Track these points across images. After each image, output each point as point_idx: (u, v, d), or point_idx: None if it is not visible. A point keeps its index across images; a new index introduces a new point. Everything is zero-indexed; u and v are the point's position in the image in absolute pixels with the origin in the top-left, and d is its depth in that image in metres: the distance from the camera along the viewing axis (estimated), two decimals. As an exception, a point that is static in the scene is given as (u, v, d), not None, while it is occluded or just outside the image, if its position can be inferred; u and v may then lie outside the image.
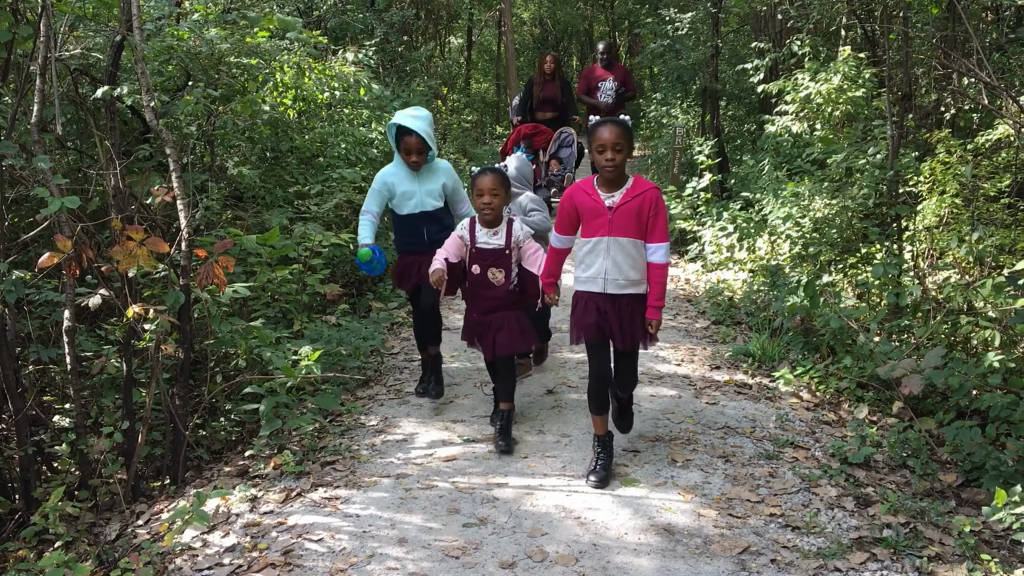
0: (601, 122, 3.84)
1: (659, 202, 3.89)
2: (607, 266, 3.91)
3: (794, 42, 9.79)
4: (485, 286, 4.44)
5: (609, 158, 3.78)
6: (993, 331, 4.92)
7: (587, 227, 3.94)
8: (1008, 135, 6.93)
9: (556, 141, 10.26)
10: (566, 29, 30.61)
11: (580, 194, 3.95)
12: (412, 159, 4.68)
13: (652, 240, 3.89)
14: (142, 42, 4.47)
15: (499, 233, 4.39)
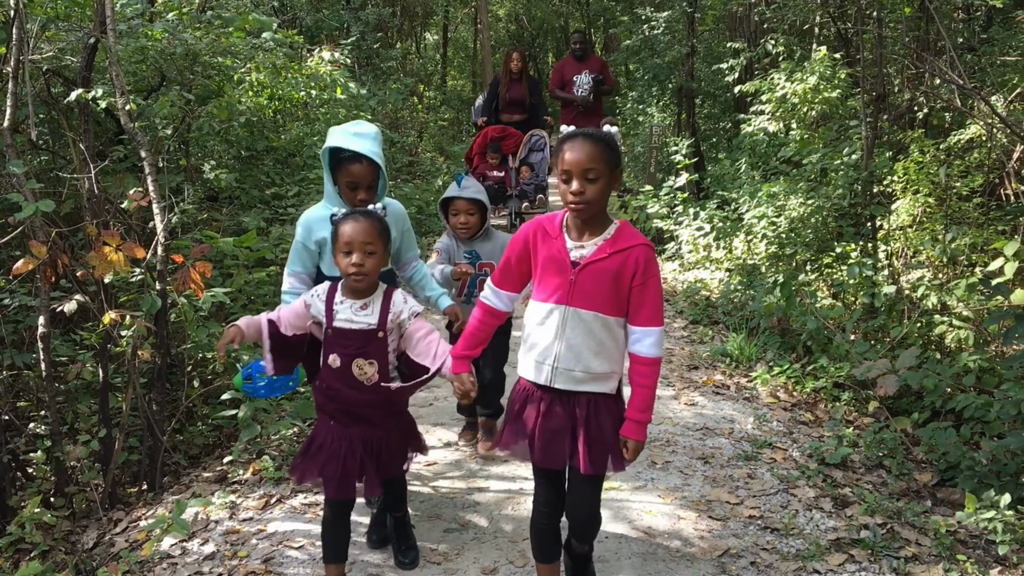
0: (570, 136, 2.61)
1: (651, 265, 2.62)
2: (559, 349, 2.68)
3: (768, 41, 9.85)
4: (348, 384, 2.95)
5: (576, 191, 2.54)
6: (967, 331, 4.98)
7: (541, 284, 2.73)
8: (980, 135, 7.02)
9: (526, 145, 9.50)
10: (542, 26, 30.64)
11: (538, 232, 2.74)
12: (359, 197, 3.22)
13: (638, 321, 2.65)
14: (116, 44, 4.42)
15: (370, 307, 2.94)
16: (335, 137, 3.30)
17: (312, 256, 3.41)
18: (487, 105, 9.88)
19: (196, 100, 6.18)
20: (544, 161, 9.51)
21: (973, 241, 6.15)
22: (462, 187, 3.83)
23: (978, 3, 8.38)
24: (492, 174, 9.36)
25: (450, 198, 3.97)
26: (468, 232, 3.95)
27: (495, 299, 2.88)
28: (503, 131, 9.41)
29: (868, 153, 6.63)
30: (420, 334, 2.98)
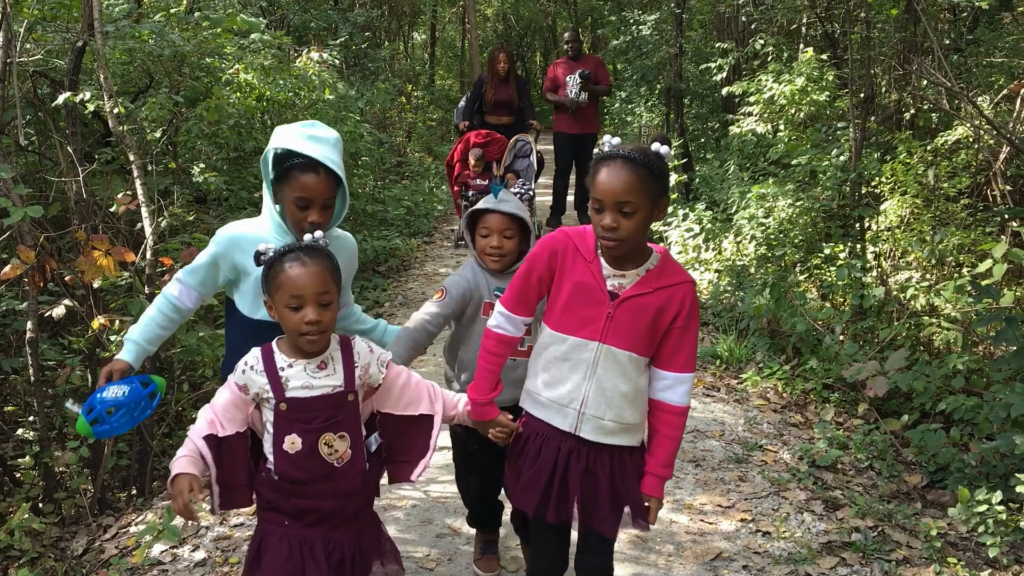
0: (607, 157, 2.22)
1: (695, 306, 2.37)
2: (587, 392, 2.37)
3: (757, 41, 9.88)
4: (313, 471, 2.30)
5: (607, 225, 2.20)
6: (955, 332, 5.01)
7: (568, 313, 2.37)
8: (967, 136, 7.06)
9: (511, 151, 8.86)
10: (529, 25, 30.62)
11: (567, 250, 2.38)
12: (310, 218, 2.55)
13: (673, 366, 2.37)
14: (104, 46, 4.40)
15: (330, 364, 2.31)
16: (284, 137, 2.59)
17: (216, 280, 2.68)
18: (469, 107, 9.39)
19: (185, 102, 6.15)
20: (531, 168, 8.88)
21: (961, 242, 6.19)
22: (499, 200, 2.97)
23: (964, 4, 8.42)
24: (475, 183, 8.79)
25: (481, 211, 2.96)
26: (502, 262, 2.92)
27: (509, 325, 2.47)
28: (487, 136, 8.78)
29: (856, 155, 6.66)
30: (401, 382, 2.44)
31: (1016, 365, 3.88)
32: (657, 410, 2.42)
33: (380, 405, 2.46)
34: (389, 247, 8.82)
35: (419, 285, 8.08)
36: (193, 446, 2.26)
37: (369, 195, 10.03)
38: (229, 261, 2.63)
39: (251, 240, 2.55)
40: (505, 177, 8.69)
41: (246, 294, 2.67)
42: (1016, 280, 6.03)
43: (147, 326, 2.67)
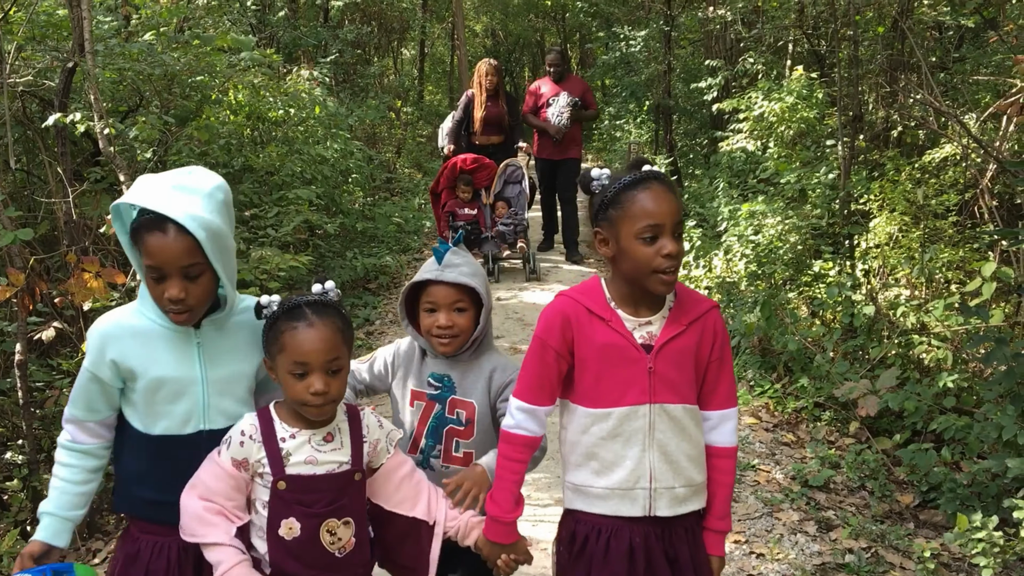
0: (642, 180, 1.99)
1: (725, 334, 2.16)
2: (652, 463, 2.05)
3: (747, 60, 9.94)
4: (312, 562, 2.01)
5: (672, 252, 1.96)
6: (946, 351, 5.03)
7: (602, 383, 2.06)
8: (954, 154, 7.12)
9: (501, 177, 8.35)
10: (518, 40, 30.75)
11: (579, 315, 2.07)
12: (168, 293, 1.97)
13: (714, 403, 2.13)
14: (94, 67, 4.39)
15: (337, 437, 2.05)
16: (141, 188, 1.99)
17: (109, 394, 2.09)
18: (458, 128, 8.67)
19: (175, 121, 6.14)
20: (523, 195, 8.39)
21: (949, 259, 6.22)
22: (444, 264, 2.32)
23: (950, 22, 8.51)
24: (463, 212, 8.27)
25: (423, 283, 2.34)
26: (454, 343, 2.33)
27: (531, 423, 2.10)
28: (475, 161, 8.17)
29: (845, 173, 6.70)
30: (402, 472, 2.13)
31: (1006, 385, 3.89)
32: (710, 456, 2.14)
33: (371, 492, 2.14)
34: (379, 264, 8.80)
35: (409, 303, 8.07)
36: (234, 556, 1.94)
37: (359, 212, 10.02)
38: (108, 365, 2.04)
39: (129, 330, 2.06)
40: (495, 205, 8.37)
41: (137, 404, 2.08)
42: (1004, 297, 6.07)
43: (59, 491, 2.13)
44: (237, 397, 2.14)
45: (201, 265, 1.96)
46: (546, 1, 25.16)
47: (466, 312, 2.33)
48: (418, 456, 2.37)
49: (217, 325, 2.12)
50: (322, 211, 8.06)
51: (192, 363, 2.07)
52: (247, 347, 2.15)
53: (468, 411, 2.36)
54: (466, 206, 8.31)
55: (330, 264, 8.02)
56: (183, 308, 1.99)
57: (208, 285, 2.02)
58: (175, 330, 2.06)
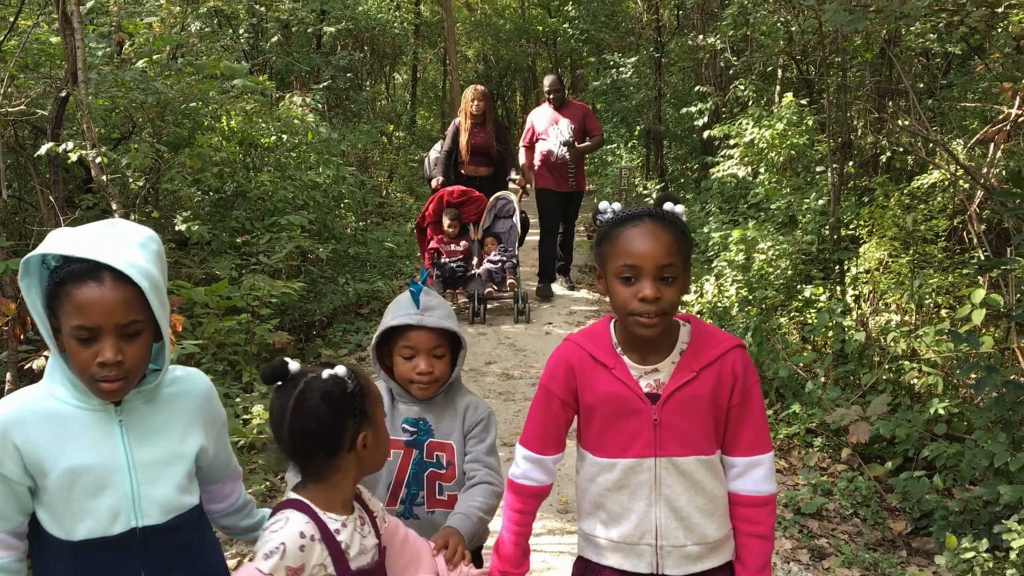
0: (630, 217, 1.90)
1: (751, 373, 1.97)
2: (658, 519, 1.95)
3: (737, 87, 10.02)
4: None
5: (648, 296, 1.84)
6: (936, 377, 5.05)
7: (606, 434, 1.98)
8: (943, 179, 7.18)
9: (491, 211, 7.93)
10: (509, 65, 30.94)
11: (583, 361, 1.98)
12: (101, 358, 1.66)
13: (739, 449, 1.98)
14: (87, 96, 4.41)
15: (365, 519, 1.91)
16: (60, 239, 1.70)
17: (18, 496, 1.72)
18: (446, 159, 8.16)
19: (167, 147, 6.16)
20: (513, 230, 7.94)
21: (939, 284, 6.26)
22: (423, 308, 2.25)
23: (937, 49, 8.61)
24: (449, 248, 7.83)
25: (398, 328, 2.25)
26: (432, 388, 2.27)
27: (538, 472, 2.04)
28: (463, 194, 7.75)
29: (835, 199, 6.75)
30: (400, 535, 1.99)
31: (997, 412, 3.91)
32: (734, 504, 1.99)
33: None
34: (371, 289, 8.79)
35: (401, 328, 8.05)
36: None
37: (351, 237, 10.04)
38: (12, 458, 1.69)
39: (36, 414, 1.71)
40: (484, 241, 7.94)
41: (53, 505, 1.73)
42: (994, 322, 6.10)
43: None
44: (175, 483, 1.81)
45: (141, 323, 1.68)
46: (537, 27, 25.36)
47: (443, 358, 2.27)
48: (399, 507, 2.27)
49: (145, 398, 1.79)
50: (314, 236, 8.06)
51: (114, 446, 1.74)
52: (184, 422, 1.84)
53: (448, 453, 2.29)
54: (453, 242, 7.87)
55: (322, 289, 8.01)
56: (119, 374, 1.67)
57: (146, 347, 1.72)
58: (91, 409, 1.73)
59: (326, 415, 1.78)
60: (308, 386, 1.78)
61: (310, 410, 1.77)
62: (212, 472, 1.96)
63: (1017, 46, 6.34)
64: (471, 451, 2.30)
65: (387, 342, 2.30)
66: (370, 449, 1.84)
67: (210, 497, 2.02)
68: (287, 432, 1.78)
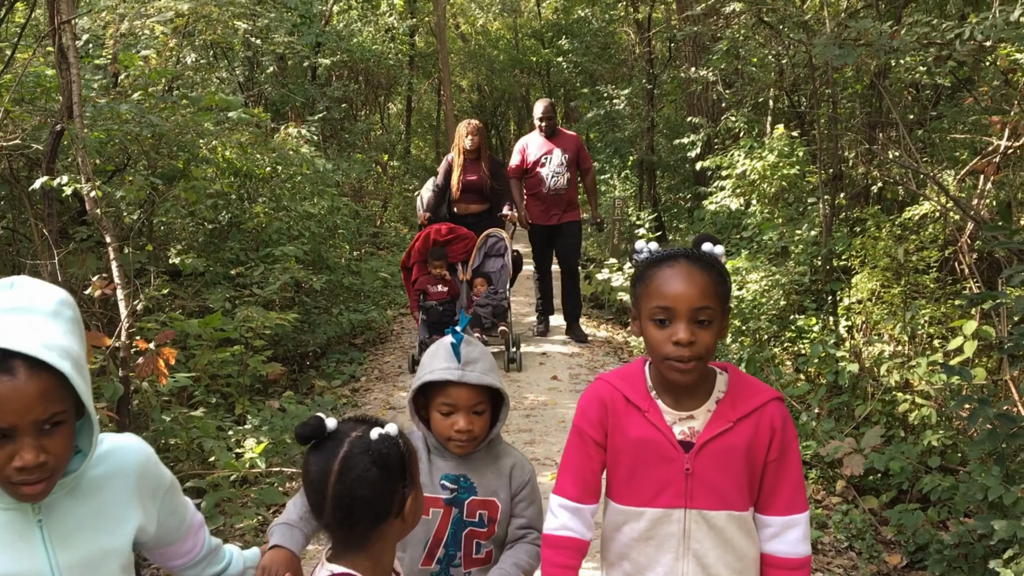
0: (665, 258, 1.84)
1: (789, 429, 1.89)
2: (687, 572, 1.87)
3: (729, 118, 10.10)
4: None
5: (682, 339, 1.76)
6: (930, 408, 5.05)
7: (635, 479, 1.90)
8: (934, 210, 7.23)
9: (480, 249, 7.47)
10: (503, 95, 31.17)
11: (616, 402, 1.90)
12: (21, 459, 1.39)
13: (775, 508, 1.89)
14: (83, 130, 4.42)
15: None
16: None
17: None
18: (439, 196, 7.78)
19: (162, 179, 6.18)
20: (504, 270, 7.45)
21: (932, 315, 6.28)
22: (464, 361, 2.09)
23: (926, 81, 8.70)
24: (435, 290, 7.34)
25: (439, 383, 2.10)
26: (471, 446, 2.14)
27: (578, 524, 1.92)
28: (451, 231, 7.36)
29: (827, 230, 6.78)
30: None
31: (990, 445, 3.91)
32: (769, 567, 1.89)
33: None
34: (366, 320, 8.79)
35: (396, 359, 8.05)
36: None
37: (345, 267, 10.06)
38: None
39: None
40: (473, 282, 7.45)
41: None
42: (987, 352, 6.12)
43: None
44: None
45: (64, 412, 1.43)
46: (531, 58, 25.57)
47: (484, 413, 2.13)
48: (435, 567, 2.17)
49: (68, 489, 1.53)
50: (309, 267, 8.07)
51: (34, 551, 1.49)
52: (116, 508, 1.59)
53: (491, 511, 2.16)
54: (439, 282, 7.35)
55: (316, 320, 8.01)
56: (41, 475, 1.42)
57: (70, 436, 1.47)
58: (4, 509, 1.49)
59: (378, 480, 1.61)
60: (354, 448, 1.63)
61: (360, 475, 1.60)
62: (164, 538, 1.75)
63: (1005, 79, 6.41)
64: (522, 515, 2.19)
65: (423, 393, 2.16)
66: (412, 512, 1.72)
67: (166, 556, 1.82)
68: (331, 500, 1.60)
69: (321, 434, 1.65)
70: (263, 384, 6.61)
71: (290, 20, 10.02)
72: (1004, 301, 4.35)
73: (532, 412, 6.33)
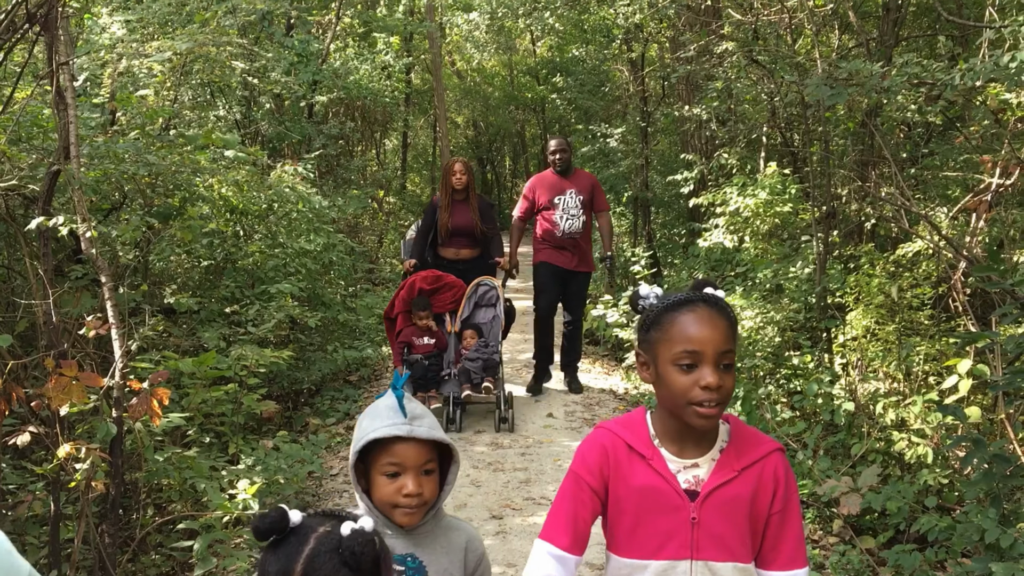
0: (684, 303, 1.83)
1: (791, 481, 1.92)
2: None
3: (721, 155, 10.17)
4: None
5: (711, 383, 1.75)
6: (926, 448, 5.05)
7: (639, 530, 1.86)
8: (927, 248, 7.27)
9: (470, 299, 6.94)
10: (499, 131, 31.38)
11: (617, 449, 1.88)
12: None
13: (776, 563, 1.87)
14: (79, 170, 4.44)
15: None
16: None
17: None
18: (421, 239, 7.21)
19: (157, 218, 6.19)
20: (496, 321, 6.90)
21: (927, 352, 6.29)
22: (411, 417, 1.90)
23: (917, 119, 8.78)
24: (421, 343, 6.79)
25: (381, 441, 1.88)
26: (419, 512, 1.92)
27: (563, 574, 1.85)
28: (437, 279, 6.84)
29: (820, 268, 6.81)
30: None
31: (986, 486, 3.90)
32: None
33: None
34: (361, 357, 8.77)
35: (390, 396, 8.01)
36: None
37: (341, 304, 10.05)
38: None
39: None
40: (462, 334, 6.91)
41: None
42: (982, 389, 6.12)
43: None
44: None
45: None
46: (526, 94, 25.78)
47: (433, 474, 1.93)
48: None
49: None
50: (304, 304, 8.08)
51: None
52: None
53: None
54: (426, 334, 6.81)
55: (311, 357, 8.00)
56: None
57: None
58: None
59: None
60: (322, 545, 1.45)
61: None
62: None
63: (996, 119, 6.48)
64: None
65: (362, 459, 1.93)
66: None
67: None
68: None
69: (283, 528, 1.47)
70: (257, 422, 6.58)
71: (288, 59, 10.10)
72: (998, 341, 4.36)
73: (527, 451, 6.31)
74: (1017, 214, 6.98)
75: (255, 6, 8.61)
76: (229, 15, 8.41)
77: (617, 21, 11.89)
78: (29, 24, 3.70)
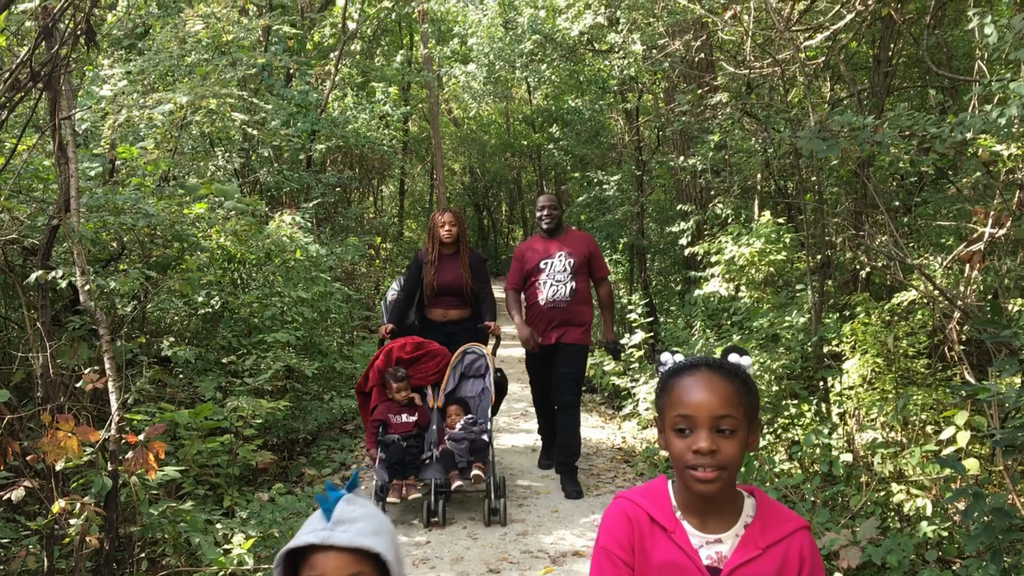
0: (686, 367, 1.83)
1: (816, 560, 1.81)
2: None
3: (716, 206, 10.25)
4: None
5: (704, 448, 1.73)
6: (925, 500, 5.03)
7: None
8: (922, 297, 7.31)
9: (455, 369, 6.10)
10: (495, 178, 31.64)
11: (641, 523, 1.83)
12: None
13: None
14: (79, 223, 4.47)
15: None
16: None
17: None
18: (405, 299, 6.35)
19: (155, 269, 6.22)
20: (486, 394, 6.04)
21: (924, 401, 6.29)
22: (335, 520, 1.60)
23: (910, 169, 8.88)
24: (399, 420, 5.94)
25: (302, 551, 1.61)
26: None
27: None
28: (417, 347, 5.98)
29: (816, 317, 6.83)
30: None
31: (986, 540, 3.88)
32: None
33: None
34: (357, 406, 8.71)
35: (387, 446, 7.97)
36: None
37: (338, 352, 10.04)
38: None
39: None
40: (446, 410, 6.01)
41: None
42: (980, 440, 6.12)
43: None
44: None
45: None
46: (522, 141, 26.03)
47: None
48: None
49: None
50: (301, 352, 8.07)
51: None
52: None
53: None
54: (404, 411, 5.95)
55: (307, 406, 7.97)
56: None
57: None
58: None
59: None
60: None
61: None
62: None
63: (987, 170, 6.56)
64: None
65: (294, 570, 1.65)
66: None
67: None
68: None
69: None
70: (252, 473, 6.54)
71: (287, 110, 10.21)
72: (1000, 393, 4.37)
73: (524, 502, 6.26)
74: (1010, 264, 7.03)
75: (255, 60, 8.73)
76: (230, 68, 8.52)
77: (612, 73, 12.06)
78: (33, 83, 3.75)
